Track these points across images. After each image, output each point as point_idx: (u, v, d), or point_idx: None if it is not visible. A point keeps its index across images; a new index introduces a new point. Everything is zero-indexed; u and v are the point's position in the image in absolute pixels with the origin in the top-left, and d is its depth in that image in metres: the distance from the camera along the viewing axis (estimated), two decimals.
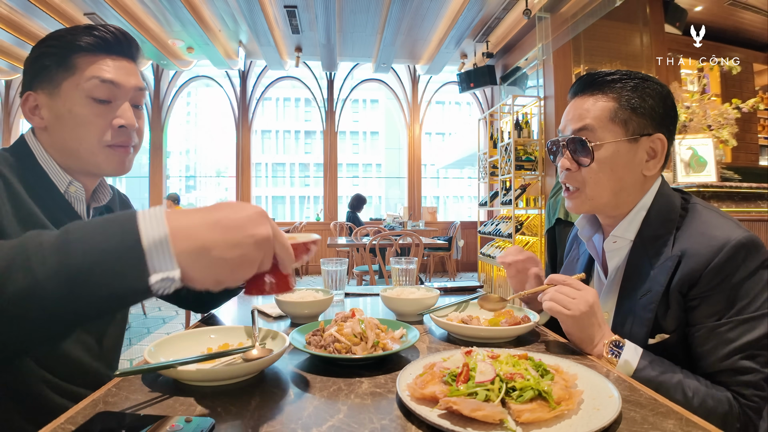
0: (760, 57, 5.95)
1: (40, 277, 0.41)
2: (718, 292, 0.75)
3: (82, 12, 5.26)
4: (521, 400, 0.55)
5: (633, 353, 0.76)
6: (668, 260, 0.81)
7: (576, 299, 0.79)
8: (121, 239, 0.43)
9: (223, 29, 6.06)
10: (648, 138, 0.86)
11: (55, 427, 0.54)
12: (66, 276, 0.41)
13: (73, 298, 0.42)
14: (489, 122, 6.50)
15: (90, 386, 0.87)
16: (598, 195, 0.88)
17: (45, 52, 0.79)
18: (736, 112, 3.22)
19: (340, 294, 1.28)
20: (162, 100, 7.71)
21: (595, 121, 0.86)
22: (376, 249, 3.66)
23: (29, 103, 0.80)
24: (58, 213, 0.79)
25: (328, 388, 0.66)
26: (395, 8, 5.09)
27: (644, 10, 5.15)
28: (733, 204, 2.92)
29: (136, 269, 0.43)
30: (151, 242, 0.43)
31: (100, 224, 0.44)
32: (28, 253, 0.42)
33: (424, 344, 0.89)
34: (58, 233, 0.44)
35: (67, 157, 0.82)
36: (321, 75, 7.89)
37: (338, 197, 8.03)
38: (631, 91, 0.86)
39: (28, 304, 0.41)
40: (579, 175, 0.89)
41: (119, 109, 0.81)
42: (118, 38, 0.82)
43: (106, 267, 0.42)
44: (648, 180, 0.89)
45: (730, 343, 0.73)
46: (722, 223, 0.80)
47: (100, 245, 0.43)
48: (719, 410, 0.71)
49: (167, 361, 0.67)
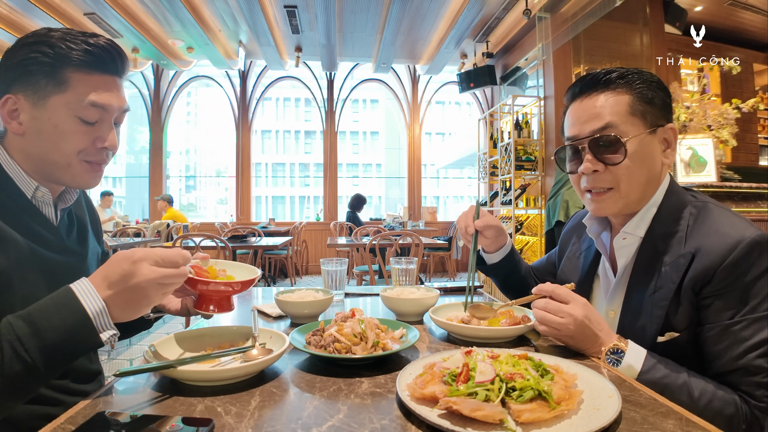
0: (760, 57, 5.95)
1: (32, 360, 0.58)
2: (732, 290, 0.75)
3: (82, 12, 5.26)
4: (521, 400, 0.55)
5: (636, 356, 0.75)
6: (681, 257, 0.80)
7: (564, 319, 0.78)
8: (73, 318, 0.60)
9: (223, 29, 6.06)
10: (662, 129, 0.87)
11: (55, 427, 0.54)
12: (47, 353, 0.59)
13: (53, 365, 0.60)
14: (489, 122, 6.50)
15: (89, 386, 0.87)
16: (632, 191, 0.86)
17: (34, 59, 0.74)
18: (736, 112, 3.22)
19: (340, 294, 1.28)
20: (162, 100, 7.71)
21: (616, 117, 0.84)
22: (376, 249, 3.66)
23: (8, 107, 0.76)
24: (25, 218, 0.77)
25: (328, 388, 0.66)
26: (395, 8, 5.09)
27: (644, 10, 5.15)
28: (733, 204, 2.92)
29: (91, 335, 0.61)
30: (95, 314, 0.62)
31: (52, 309, 0.61)
32: (13, 345, 0.57)
33: (424, 344, 0.89)
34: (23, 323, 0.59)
35: (41, 167, 0.79)
36: (321, 75, 7.89)
37: (338, 197, 8.03)
38: (643, 84, 0.86)
39: (26, 380, 0.58)
40: (608, 175, 0.86)
41: (103, 131, 0.80)
42: (113, 56, 0.79)
43: (71, 340, 0.60)
44: (663, 171, 0.90)
45: (744, 342, 0.73)
46: (735, 222, 0.80)
47: (62, 326, 0.60)
48: (726, 412, 0.70)
49: (167, 361, 0.67)
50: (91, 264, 0.92)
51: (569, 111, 0.93)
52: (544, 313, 0.81)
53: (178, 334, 0.81)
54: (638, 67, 0.90)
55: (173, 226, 5.63)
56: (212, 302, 0.79)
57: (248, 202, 7.86)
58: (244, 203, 7.81)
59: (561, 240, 1.18)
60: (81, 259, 0.88)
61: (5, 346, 0.57)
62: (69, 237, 0.87)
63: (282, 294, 1.09)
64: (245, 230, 5.39)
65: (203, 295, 0.79)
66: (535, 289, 0.85)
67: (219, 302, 0.80)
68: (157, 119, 7.66)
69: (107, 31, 5.61)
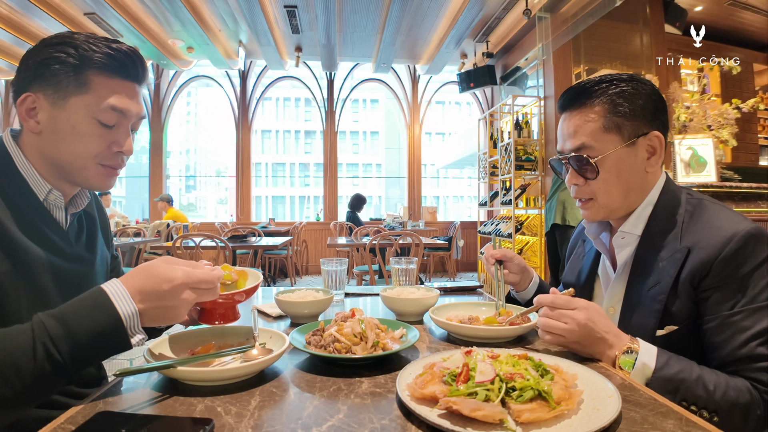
0: (760, 57, 5.95)
1: (64, 361, 0.59)
2: (730, 282, 0.76)
3: (82, 12, 5.26)
4: (521, 400, 0.55)
5: (648, 355, 0.74)
6: (677, 252, 0.82)
7: (567, 324, 0.77)
8: (106, 321, 0.61)
9: (223, 29, 6.06)
10: (645, 137, 0.88)
11: (55, 427, 0.54)
12: (78, 354, 0.60)
13: (81, 365, 0.61)
14: (489, 122, 6.50)
15: (89, 386, 0.87)
16: (610, 202, 0.90)
17: (57, 58, 0.75)
18: (736, 112, 3.22)
19: (340, 294, 1.28)
20: (162, 100, 7.71)
21: (590, 136, 0.88)
22: (376, 249, 3.66)
23: (27, 104, 0.76)
24: (36, 221, 0.76)
25: (328, 388, 0.66)
26: (395, 8, 5.09)
27: (644, 10, 5.15)
28: (733, 204, 2.92)
29: (123, 339, 0.62)
30: (128, 318, 0.62)
31: (86, 310, 0.61)
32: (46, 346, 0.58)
33: (424, 344, 0.89)
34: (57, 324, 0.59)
35: (55, 167, 0.79)
36: (321, 75, 7.88)
37: (338, 197, 8.03)
38: (618, 97, 0.87)
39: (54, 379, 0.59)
40: (588, 187, 0.91)
41: (120, 135, 0.80)
42: (135, 62, 0.80)
43: (103, 342, 0.61)
44: (651, 176, 0.91)
45: (745, 331, 0.74)
46: (730, 216, 0.81)
47: (95, 328, 0.60)
48: (741, 400, 0.70)
49: (167, 361, 0.67)
50: (99, 270, 0.91)
51: (559, 123, 0.96)
52: (546, 320, 0.80)
53: (177, 334, 0.81)
54: (631, 73, 0.91)
55: (173, 226, 5.63)
56: (217, 314, 0.82)
57: (248, 202, 7.86)
58: (244, 203, 7.81)
59: (569, 247, 1.19)
60: (89, 265, 0.87)
61: (38, 346, 0.57)
62: (78, 242, 0.86)
63: (282, 294, 1.09)
64: (245, 230, 5.39)
65: (207, 310, 0.81)
66: (535, 301, 0.84)
67: (224, 314, 0.82)
68: (157, 119, 7.65)
69: (107, 31, 5.61)
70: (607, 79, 0.89)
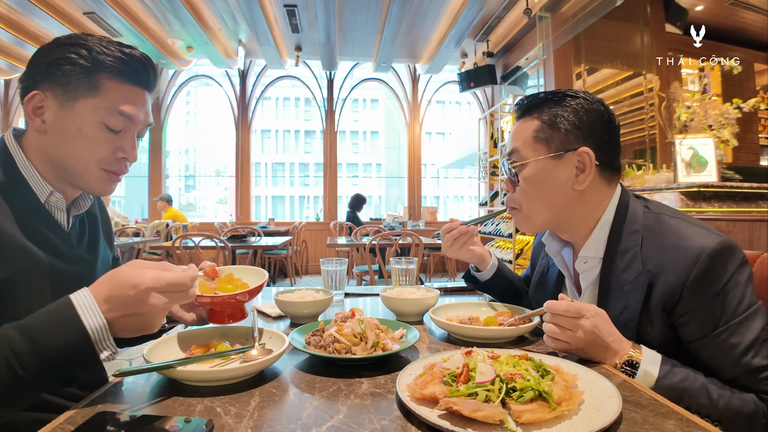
0: (761, 57, 5.94)
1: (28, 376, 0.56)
2: (704, 303, 0.74)
3: (81, 11, 5.26)
4: (521, 401, 0.55)
5: (652, 363, 0.73)
6: (641, 275, 0.80)
7: (574, 332, 0.75)
8: (74, 337, 0.59)
9: (223, 28, 6.06)
10: (574, 153, 0.86)
11: (55, 427, 0.54)
12: (43, 370, 0.58)
13: (48, 380, 0.59)
14: (489, 122, 6.49)
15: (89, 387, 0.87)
16: (533, 213, 0.91)
17: (69, 58, 0.74)
18: (736, 112, 3.21)
19: (339, 294, 1.28)
20: (161, 100, 7.71)
21: (521, 143, 0.90)
22: (376, 249, 3.66)
23: (34, 103, 0.75)
24: (36, 223, 0.76)
25: (328, 389, 0.66)
26: (395, 7, 5.08)
27: (645, 9, 5.15)
28: (734, 204, 2.92)
29: (90, 355, 0.60)
30: (95, 331, 0.60)
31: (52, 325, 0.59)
32: (8, 360, 0.56)
33: (424, 344, 0.89)
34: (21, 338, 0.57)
35: (58, 169, 0.79)
36: (321, 74, 7.88)
37: (338, 197, 8.03)
38: (553, 109, 0.87)
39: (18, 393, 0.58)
40: (515, 195, 0.93)
41: (126, 141, 0.80)
42: (146, 69, 0.80)
43: (69, 358, 0.59)
44: (594, 194, 0.88)
45: (736, 348, 0.72)
46: (693, 232, 0.78)
47: (61, 344, 0.58)
48: (746, 409, 0.70)
49: (167, 361, 0.67)
50: (100, 272, 0.90)
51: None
52: (552, 326, 0.78)
53: (177, 334, 0.81)
54: (581, 90, 0.91)
55: (172, 226, 5.63)
56: (224, 314, 0.83)
57: (248, 201, 7.86)
58: (244, 203, 7.81)
59: (532, 252, 1.18)
60: (90, 267, 0.87)
61: (0, 361, 0.56)
62: (79, 244, 0.86)
63: (282, 294, 1.09)
64: (245, 230, 5.39)
65: (214, 310, 0.82)
66: (546, 306, 0.81)
67: (232, 314, 0.83)
68: (156, 119, 7.65)
69: (107, 31, 5.61)
70: (560, 94, 0.89)
